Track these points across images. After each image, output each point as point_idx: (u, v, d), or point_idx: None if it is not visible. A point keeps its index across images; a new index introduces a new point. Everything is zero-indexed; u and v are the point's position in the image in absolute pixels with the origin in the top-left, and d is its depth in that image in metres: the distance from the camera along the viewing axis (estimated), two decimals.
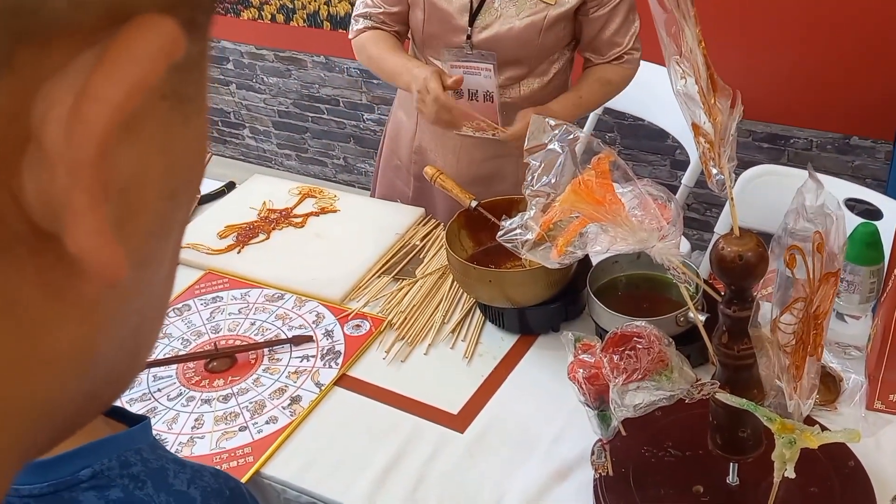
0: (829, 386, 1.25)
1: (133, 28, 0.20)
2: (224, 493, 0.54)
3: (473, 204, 1.51)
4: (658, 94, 2.01)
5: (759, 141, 2.60)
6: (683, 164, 2.38)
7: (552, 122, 0.96)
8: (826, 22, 2.33)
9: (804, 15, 2.35)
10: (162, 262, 0.26)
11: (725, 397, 0.94)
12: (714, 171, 0.86)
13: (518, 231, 0.99)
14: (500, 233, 1.03)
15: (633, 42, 1.69)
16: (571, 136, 0.97)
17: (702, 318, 1.11)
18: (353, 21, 1.78)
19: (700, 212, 2.81)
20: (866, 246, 1.27)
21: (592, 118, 2.34)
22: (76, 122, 0.19)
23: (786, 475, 0.92)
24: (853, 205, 1.89)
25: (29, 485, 0.50)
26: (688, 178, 2.20)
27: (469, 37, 1.64)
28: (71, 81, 0.19)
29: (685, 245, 2.24)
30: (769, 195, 1.81)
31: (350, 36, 1.79)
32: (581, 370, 1.00)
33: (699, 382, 0.93)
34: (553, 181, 0.94)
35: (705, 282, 1.18)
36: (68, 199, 0.20)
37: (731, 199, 0.89)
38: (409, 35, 1.78)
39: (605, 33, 1.67)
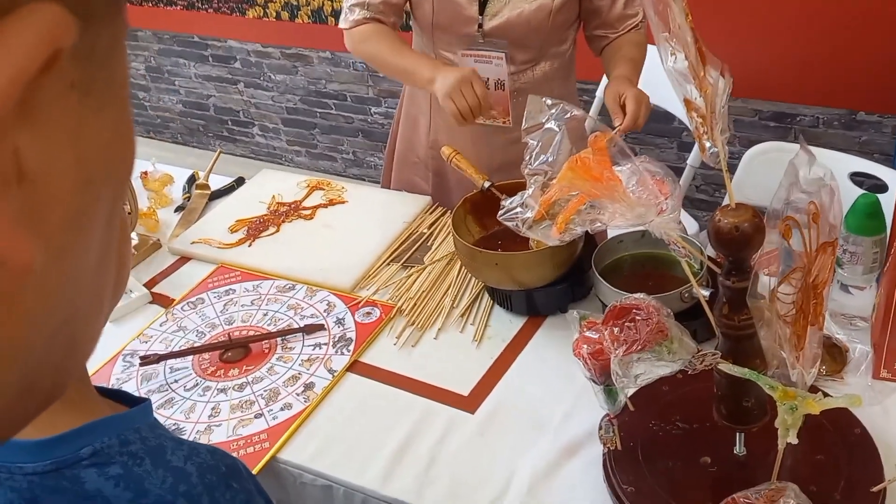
0: (836, 357, 1.26)
1: (15, 17, 0.20)
2: (220, 469, 0.56)
3: (486, 185, 1.52)
4: (662, 77, 2.01)
5: (765, 120, 2.60)
6: (690, 146, 2.39)
7: (549, 102, 0.98)
8: None
9: None
10: (86, 254, 0.25)
11: (728, 367, 0.96)
12: (708, 144, 0.87)
13: (518, 210, 1.01)
14: (500, 212, 1.04)
15: (642, 12, 1.69)
16: (568, 116, 0.98)
17: (705, 293, 1.12)
18: (346, 10, 1.69)
19: (709, 193, 2.81)
20: (867, 217, 1.27)
21: (598, 101, 2.35)
22: None
23: (789, 441, 0.93)
24: (861, 180, 1.89)
25: (32, 463, 0.52)
26: (693, 158, 2.21)
27: (480, 25, 1.63)
28: None
29: (693, 225, 2.24)
30: (775, 172, 1.79)
31: (344, 25, 1.70)
32: (586, 346, 1.02)
33: (701, 353, 0.94)
34: (551, 159, 0.96)
35: (708, 257, 1.19)
36: None
37: (726, 170, 0.90)
38: (414, 28, 1.77)
39: (615, 8, 1.69)
